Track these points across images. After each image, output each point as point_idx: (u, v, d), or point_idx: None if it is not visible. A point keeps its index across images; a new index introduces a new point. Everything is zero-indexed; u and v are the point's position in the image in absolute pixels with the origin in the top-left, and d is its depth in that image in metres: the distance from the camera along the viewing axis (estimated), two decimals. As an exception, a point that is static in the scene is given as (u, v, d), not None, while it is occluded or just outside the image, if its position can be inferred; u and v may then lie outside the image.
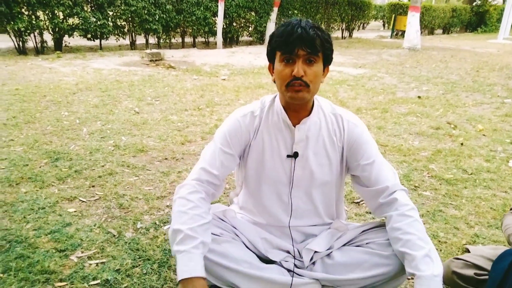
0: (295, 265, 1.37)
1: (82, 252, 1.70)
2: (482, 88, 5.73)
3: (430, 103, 4.74)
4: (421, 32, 14.81)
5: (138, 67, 6.53)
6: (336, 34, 14.66)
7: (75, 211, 2.03)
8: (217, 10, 9.63)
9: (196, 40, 10.48)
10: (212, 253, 1.24)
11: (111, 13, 8.42)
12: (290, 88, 1.19)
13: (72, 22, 8.02)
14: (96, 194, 2.24)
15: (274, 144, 1.35)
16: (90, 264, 1.62)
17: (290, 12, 11.80)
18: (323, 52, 1.20)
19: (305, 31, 1.14)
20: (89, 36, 8.25)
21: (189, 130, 3.45)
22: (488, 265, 1.37)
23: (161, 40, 9.67)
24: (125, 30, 8.87)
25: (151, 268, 1.61)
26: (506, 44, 13.28)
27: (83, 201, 2.15)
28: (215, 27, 9.99)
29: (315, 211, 1.43)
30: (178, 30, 9.82)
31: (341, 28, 14.43)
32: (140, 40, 9.64)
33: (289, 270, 1.35)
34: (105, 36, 8.50)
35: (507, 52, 10.97)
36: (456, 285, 1.45)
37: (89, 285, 1.50)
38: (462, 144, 3.31)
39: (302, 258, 1.38)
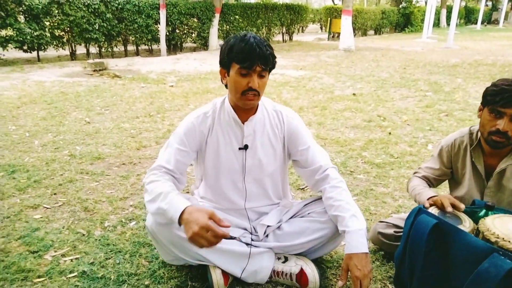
0: (252, 239, 1.63)
1: (55, 252, 1.83)
2: (408, 83, 6.40)
3: (363, 99, 5.25)
4: (355, 34, 15.85)
5: (82, 78, 6.47)
6: (277, 38, 15.24)
7: (41, 217, 2.14)
8: (159, 17, 9.69)
9: (139, 48, 10.44)
10: (182, 232, 1.47)
11: (47, 23, 8.18)
12: (244, 97, 1.43)
13: (6, 33, 7.70)
14: (59, 200, 2.34)
15: (227, 139, 1.60)
16: (65, 261, 1.76)
17: (231, 18, 12.11)
18: (271, 67, 1.46)
19: (262, 50, 1.36)
20: (25, 47, 7.96)
21: (143, 136, 3.59)
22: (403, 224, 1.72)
23: (103, 49, 9.53)
24: (64, 40, 8.64)
25: (123, 259, 1.78)
26: (429, 43, 14.62)
27: (48, 208, 2.25)
28: (158, 34, 10.03)
29: (265, 194, 1.70)
30: (120, 38, 9.73)
31: (282, 32, 15.02)
32: (80, 50, 9.44)
33: (247, 244, 1.61)
34: (42, 48, 8.24)
35: (430, 50, 12.12)
36: (380, 242, 1.79)
37: (67, 277, 1.65)
38: (390, 133, 3.78)
39: (257, 232, 1.65)
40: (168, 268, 1.70)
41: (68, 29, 8.51)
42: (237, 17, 12.31)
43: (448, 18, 25.43)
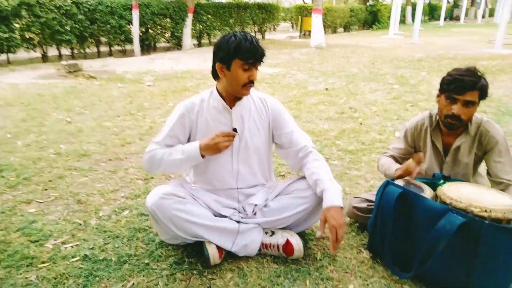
0: (241, 217, 1.80)
1: (55, 240, 1.93)
2: (376, 77, 6.73)
3: (335, 93, 5.52)
4: (325, 31, 16.22)
5: (57, 80, 6.43)
6: (249, 36, 15.41)
7: (36, 211, 2.23)
8: (132, 18, 9.67)
9: (113, 48, 10.37)
10: (180, 211, 1.63)
11: (17, 25, 8.03)
12: (245, 87, 1.66)
13: (-27, 36, 7.53)
14: (52, 195, 2.43)
15: (216, 124, 1.77)
16: (66, 248, 1.87)
17: (204, 18, 12.20)
18: None
19: (262, 49, 1.62)
20: (-6, 50, 7.81)
21: (126, 133, 3.69)
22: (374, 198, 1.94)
23: (75, 50, 9.42)
24: (35, 42, 8.50)
25: (121, 243, 1.91)
26: (396, 39, 15.20)
27: (41, 202, 2.34)
28: (131, 35, 10.00)
29: (253, 174, 1.87)
30: (93, 39, 9.65)
31: (254, 30, 15.23)
32: (52, 51, 9.29)
33: (237, 222, 1.78)
34: (12, 50, 8.09)
35: (397, 46, 12.64)
36: (355, 216, 2.01)
37: (70, 261, 1.77)
38: (361, 123, 4.04)
39: (246, 211, 1.82)
40: (165, 248, 1.85)
41: (39, 31, 8.38)
42: (209, 16, 12.41)
43: (413, 15, 26.36)
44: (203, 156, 1.70)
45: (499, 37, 10.64)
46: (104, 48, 10.33)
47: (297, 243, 1.73)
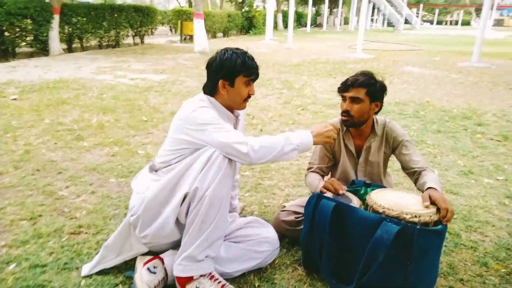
0: None
1: None
2: (264, 82, 6.95)
3: (230, 99, 5.49)
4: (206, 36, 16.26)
5: None
6: (127, 40, 14.52)
7: None
8: (-19, 18, 8.15)
9: (-44, 55, 8.59)
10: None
11: None
12: (245, 102, 1.72)
13: None
14: None
15: None
16: None
17: (74, 20, 11.01)
18: None
19: (257, 65, 1.69)
20: None
21: (-6, 161, 3.03)
22: (302, 210, 1.93)
23: None
24: None
25: (14, 308, 1.51)
26: (273, 44, 16.08)
27: None
28: (-20, 38, 8.42)
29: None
30: None
31: (132, 34, 14.38)
32: None
33: None
34: None
35: (275, 50, 13.36)
36: (284, 230, 1.97)
37: None
38: (261, 130, 4.09)
39: None
40: (76, 305, 1.53)
41: None
42: (79, 18, 11.24)
43: (284, 21, 28.40)
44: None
45: (359, 44, 12.11)
46: None
47: None
